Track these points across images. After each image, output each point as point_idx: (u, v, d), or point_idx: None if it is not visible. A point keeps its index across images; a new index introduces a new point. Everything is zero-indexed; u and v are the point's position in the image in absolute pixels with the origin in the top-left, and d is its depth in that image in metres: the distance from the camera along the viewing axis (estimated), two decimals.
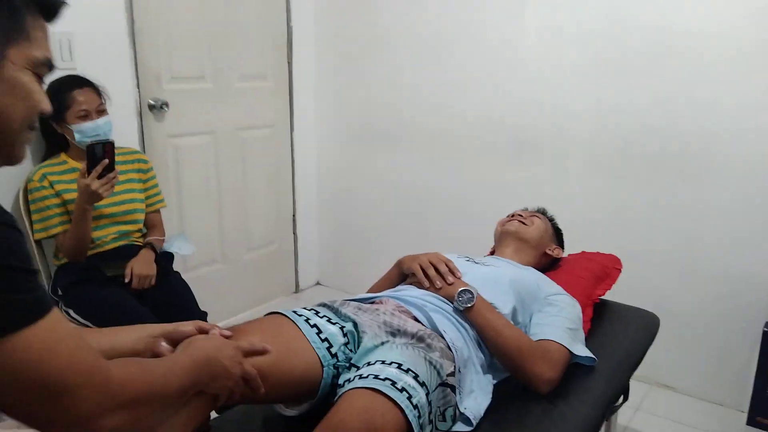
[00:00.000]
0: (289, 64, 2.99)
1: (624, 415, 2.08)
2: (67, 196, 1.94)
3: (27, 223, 1.96)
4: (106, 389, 0.69)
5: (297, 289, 3.37)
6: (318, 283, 3.49)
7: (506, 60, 2.48)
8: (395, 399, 1.04)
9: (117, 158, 1.81)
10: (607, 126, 2.30)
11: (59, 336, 0.66)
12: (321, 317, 1.27)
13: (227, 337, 1.07)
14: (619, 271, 1.82)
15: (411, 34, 2.74)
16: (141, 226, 2.14)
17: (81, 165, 1.89)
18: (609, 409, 1.38)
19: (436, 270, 1.44)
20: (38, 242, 2.02)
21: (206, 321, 2.01)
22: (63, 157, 2.02)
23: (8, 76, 0.72)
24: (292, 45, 2.97)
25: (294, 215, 3.25)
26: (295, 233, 3.28)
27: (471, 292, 1.36)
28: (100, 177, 1.77)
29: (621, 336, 1.62)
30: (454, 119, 2.70)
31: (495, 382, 1.35)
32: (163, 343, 1.04)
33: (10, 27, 0.72)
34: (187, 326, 1.07)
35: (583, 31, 2.27)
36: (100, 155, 1.76)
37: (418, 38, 2.73)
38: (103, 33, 2.21)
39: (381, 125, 2.97)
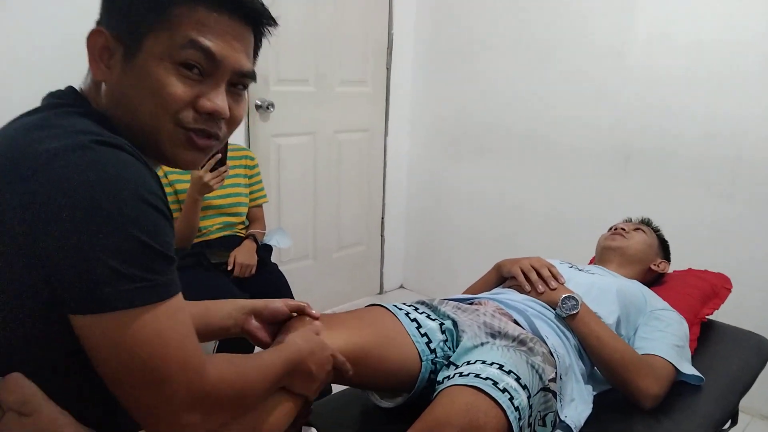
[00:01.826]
0: (388, 70, 3.05)
1: None
2: (179, 186, 2.07)
3: None
4: (199, 386, 0.69)
5: (381, 291, 3.42)
6: (402, 287, 3.52)
7: (613, 68, 2.42)
8: (497, 399, 1.03)
9: (228, 154, 1.92)
10: (716, 139, 2.18)
11: (173, 324, 0.67)
12: (420, 313, 1.29)
13: (314, 318, 1.08)
14: (729, 290, 1.72)
15: (512, 41, 2.73)
16: (244, 218, 2.25)
17: None
18: (717, 431, 1.31)
19: (539, 274, 1.43)
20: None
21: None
22: None
23: (139, 67, 0.72)
24: (392, 52, 3.03)
25: (383, 218, 3.30)
26: (382, 236, 3.33)
27: (575, 299, 1.33)
28: (212, 170, 1.88)
29: (730, 357, 1.53)
30: (554, 126, 2.65)
31: (595, 393, 1.31)
32: (253, 321, 1.06)
33: (149, 18, 0.71)
34: (277, 303, 1.08)
35: (694, 41, 2.18)
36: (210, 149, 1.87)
37: (519, 46, 2.71)
38: None
39: (475, 134, 2.97)
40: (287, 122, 2.68)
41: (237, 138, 2.44)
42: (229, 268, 2.05)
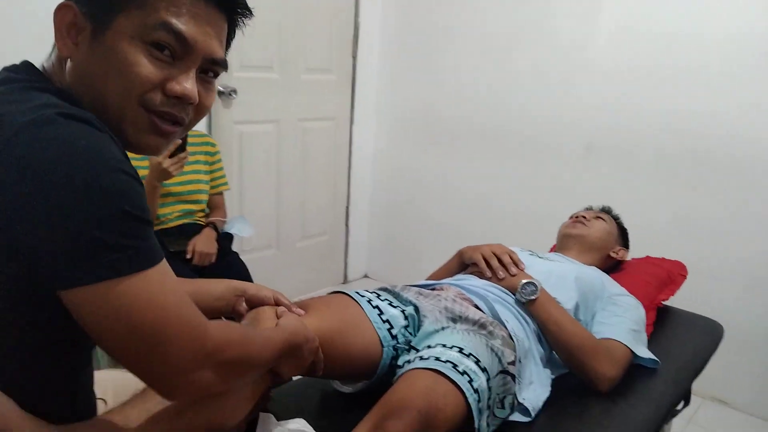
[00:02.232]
0: (354, 58, 3.03)
1: (676, 427, 2.02)
2: (138, 173, 2.01)
3: None
4: (203, 346, 0.70)
5: (345, 280, 3.41)
6: (366, 276, 3.52)
7: (577, 61, 2.45)
8: (456, 381, 1.03)
9: (188, 140, 1.88)
10: (677, 132, 2.23)
11: (167, 287, 0.67)
12: (382, 300, 1.28)
13: (301, 313, 1.10)
14: (684, 277, 1.76)
15: (479, 33, 2.73)
16: (204, 206, 2.21)
17: None
18: (670, 412, 1.34)
19: (499, 261, 1.43)
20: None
21: None
22: None
23: (108, 44, 0.70)
24: (358, 40, 3.01)
25: (348, 207, 3.28)
26: (347, 225, 3.32)
27: (535, 285, 1.34)
28: (171, 156, 1.84)
29: (684, 341, 1.57)
30: (519, 119, 2.67)
31: (554, 376, 1.33)
32: (243, 304, 1.08)
33: None
34: (266, 292, 1.10)
35: (658, 35, 2.22)
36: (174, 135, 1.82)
37: (486, 37, 2.71)
38: None
39: (441, 123, 2.97)
40: (250, 109, 2.63)
41: (198, 125, 2.38)
42: (188, 256, 2.01)
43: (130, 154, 1.00)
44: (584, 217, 1.73)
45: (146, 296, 0.65)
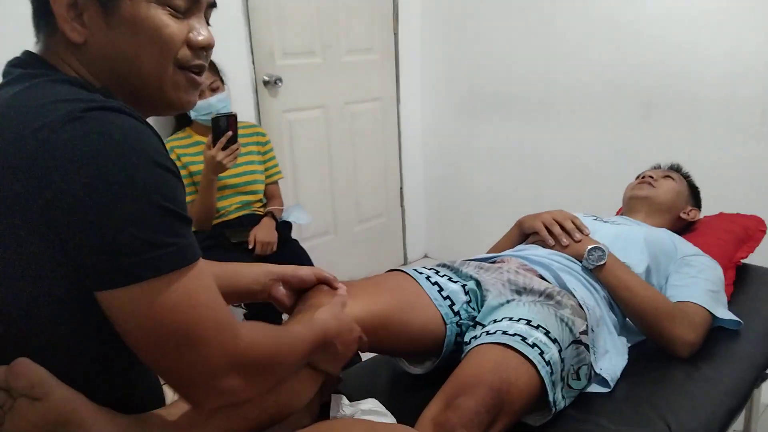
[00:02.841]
0: (395, 35, 2.98)
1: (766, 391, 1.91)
2: (194, 168, 2.05)
3: None
4: (234, 347, 0.68)
5: (405, 262, 3.40)
6: (426, 256, 3.50)
7: (627, 19, 2.31)
8: (527, 354, 1.00)
9: (238, 131, 1.89)
10: (741, 82, 2.08)
11: (201, 286, 0.66)
12: (441, 276, 1.26)
13: (341, 290, 1.05)
14: (764, 233, 1.66)
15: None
16: (261, 196, 2.23)
17: (206, 138, 2.00)
18: (759, 376, 1.27)
19: (562, 227, 1.38)
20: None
21: None
22: (188, 131, 2.14)
23: (127, 15, 0.68)
24: (398, 17, 2.95)
25: (401, 188, 3.26)
26: (402, 206, 3.29)
27: (602, 250, 1.29)
28: (224, 148, 1.86)
29: (767, 300, 1.48)
30: (572, 82, 2.56)
31: (630, 344, 1.28)
32: (280, 288, 1.05)
33: None
34: (305, 270, 1.07)
35: None
36: (224, 128, 1.84)
37: (527, 2, 2.61)
38: (219, 10, 2.29)
39: (488, 94, 2.89)
40: (296, 96, 2.64)
41: (247, 115, 2.41)
42: (250, 246, 2.04)
43: (183, 150, 0.97)
44: (651, 177, 1.64)
45: (182, 295, 0.63)
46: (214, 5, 0.79)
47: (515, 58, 2.73)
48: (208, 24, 0.79)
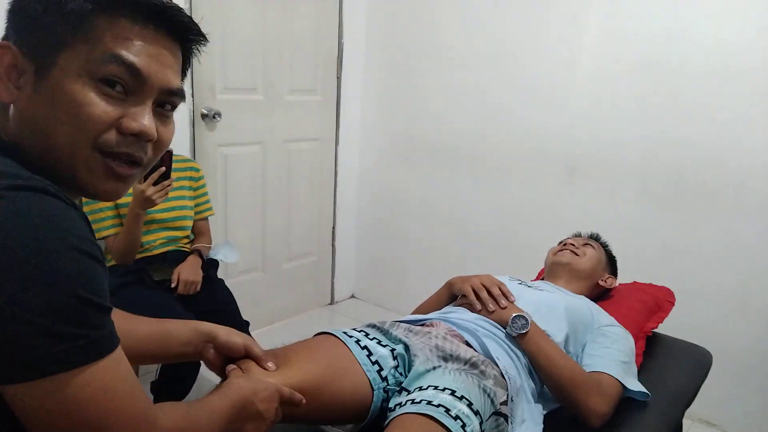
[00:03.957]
0: (338, 78, 3.02)
1: None
2: (120, 200, 1.98)
3: None
4: None
5: (332, 301, 3.38)
6: (353, 296, 3.49)
7: (560, 83, 2.46)
8: (450, 427, 1.01)
9: (172, 166, 1.85)
10: (661, 156, 2.24)
11: (115, 378, 0.62)
12: (371, 339, 1.27)
13: (272, 368, 1.04)
14: (672, 304, 1.77)
15: (461, 54, 2.74)
16: (189, 232, 2.17)
17: None
18: None
19: (489, 293, 1.42)
20: (100, 249, 2.06)
21: (248, 331, 2.05)
22: None
23: (52, 84, 0.64)
24: (342, 60, 3.00)
25: (334, 228, 3.26)
26: (333, 246, 3.29)
27: (525, 318, 1.33)
28: (155, 184, 1.81)
29: (674, 371, 1.57)
30: (502, 140, 2.68)
31: (545, 412, 1.32)
32: (211, 350, 1.03)
33: (62, 31, 0.64)
34: (237, 339, 1.05)
35: (642, 57, 2.23)
36: (158, 163, 1.79)
37: (468, 60, 2.72)
38: None
39: (426, 143, 2.97)
40: (234, 131, 2.61)
41: (182, 148, 2.36)
42: (173, 285, 1.97)
43: None
44: (573, 245, 1.72)
45: (96, 390, 0.60)
46: (176, 93, 0.73)
47: (450, 112, 2.83)
48: (170, 113, 0.74)
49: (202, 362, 1.06)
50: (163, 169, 1.80)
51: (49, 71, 0.64)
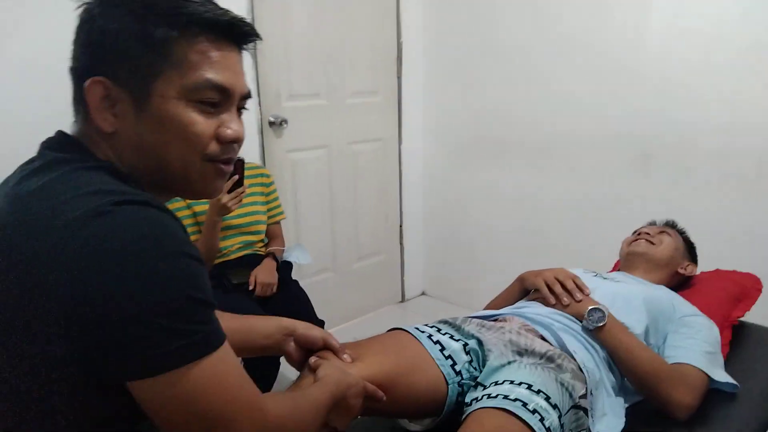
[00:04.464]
0: (399, 78, 3.04)
1: None
2: (198, 208, 2.07)
3: None
4: (264, 424, 0.70)
5: (403, 299, 3.41)
6: (423, 293, 3.51)
7: (626, 69, 2.37)
8: (527, 421, 1.01)
9: (244, 173, 1.92)
10: (740, 138, 2.13)
11: (227, 369, 0.68)
12: (443, 334, 1.28)
13: (348, 359, 1.09)
14: (759, 291, 1.67)
15: (521, 47, 2.69)
16: (263, 236, 2.25)
17: None
18: None
19: (563, 286, 1.40)
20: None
21: (323, 329, 2.11)
22: None
23: (156, 111, 0.71)
24: (401, 60, 3.02)
25: (401, 226, 3.29)
26: (401, 244, 3.32)
27: (602, 311, 1.31)
28: (229, 191, 1.89)
29: (764, 361, 1.49)
30: (571, 130, 2.61)
31: (627, 405, 1.29)
32: (291, 344, 1.09)
33: (153, 60, 0.70)
34: (316, 332, 1.10)
35: (713, 31, 2.12)
36: (231, 172, 1.87)
37: (530, 51, 2.67)
38: None
39: (490, 139, 2.94)
40: (301, 137, 2.68)
41: (252, 156, 2.45)
42: (251, 288, 2.06)
43: None
44: (648, 234, 1.67)
45: (211, 380, 0.65)
46: (248, 96, 0.80)
47: (514, 105, 2.79)
48: (241, 112, 0.80)
49: (282, 360, 1.11)
50: (237, 177, 1.88)
51: (148, 100, 0.71)
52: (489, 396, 1.08)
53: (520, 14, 2.68)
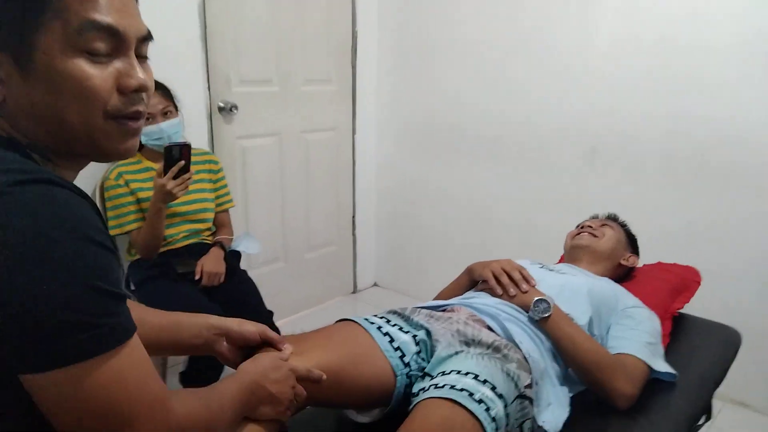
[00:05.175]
0: (353, 68, 3.01)
1: None
2: (142, 195, 2.00)
3: None
4: (166, 424, 0.67)
5: (355, 290, 3.39)
6: (375, 284, 3.50)
7: (576, 66, 2.41)
8: (473, 411, 1.01)
9: (191, 159, 1.86)
10: (682, 135, 2.20)
11: (131, 364, 0.63)
12: (392, 325, 1.27)
13: (286, 351, 1.04)
14: (698, 283, 1.73)
15: (477, 40, 2.71)
16: (211, 224, 2.19)
17: (156, 165, 1.95)
18: (691, 428, 1.32)
19: (510, 277, 1.41)
20: (112, 238, 2.09)
21: (272, 320, 2.07)
22: (138, 156, 2.08)
23: (43, 70, 0.62)
24: (356, 50, 2.99)
25: (354, 217, 3.26)
26: (354, 234, 3.30)
27: (547, 302, 1.32)
28: (175, 177, 1.82)
29: (702, 352, 1.55)
30: (520, 124, 2.64)
31: (571, 394, 1.31)
32: (223, 343, 1.04)
33: (29, 10, 0.61)
34: (249, 327, 1.05)
35: (659, 38, 2.18)
36: (177, 157, 1.81)
37: (484, 44, 2.69)
38: (177, 36, 2.27)
39: (442, 131, 2.95)
40: (252, 123, 2.62)
41: (200, 141, 2.37)
42: (197, 277, 2.00)
43: (132, 177, 0.92)
44: (591, 227, 1.70)
45: (113, 375, 0.61)
46: (148, 38, 0.71)
47: (468, 97, 2.80)
48: (144, 59, 0.71)
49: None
50: (183, 162, 1.82)
51: (31, 56, 0.62)
52: (436, 386, 1.08)
53: (476, 7, 2.69)
